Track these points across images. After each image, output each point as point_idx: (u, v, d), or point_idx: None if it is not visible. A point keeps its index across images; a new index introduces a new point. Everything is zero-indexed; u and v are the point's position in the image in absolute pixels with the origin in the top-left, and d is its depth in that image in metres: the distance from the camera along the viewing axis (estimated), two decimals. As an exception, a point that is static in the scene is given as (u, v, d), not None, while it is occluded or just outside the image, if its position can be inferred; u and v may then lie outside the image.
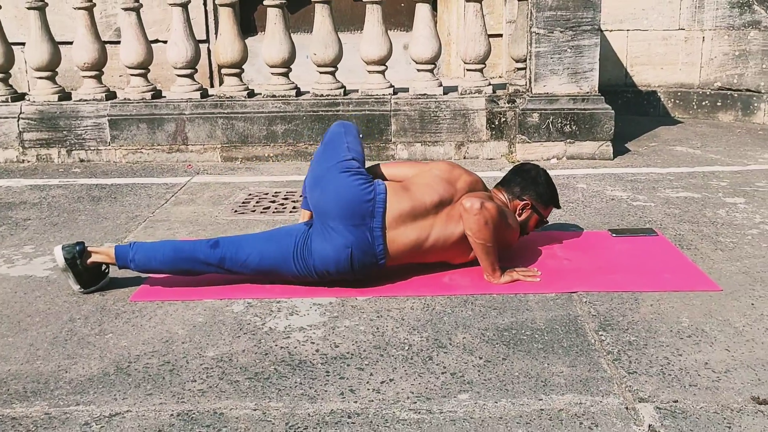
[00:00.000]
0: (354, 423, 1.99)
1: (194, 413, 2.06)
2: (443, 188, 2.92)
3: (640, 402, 2.06)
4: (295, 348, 2.43)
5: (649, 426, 1.94)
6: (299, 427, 1.98)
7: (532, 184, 3.13)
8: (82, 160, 5.08)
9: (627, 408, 2.03)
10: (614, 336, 2.46)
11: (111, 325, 2.62)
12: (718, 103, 6.32)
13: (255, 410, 2.07)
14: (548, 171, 3.31)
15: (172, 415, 2.05)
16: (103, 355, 2.41)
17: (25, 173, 4.85)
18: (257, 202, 4.11)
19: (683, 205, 3.89)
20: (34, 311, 2.76)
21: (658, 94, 6.52)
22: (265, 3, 5.02)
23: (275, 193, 4.28)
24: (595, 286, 2.86)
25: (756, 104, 6.12)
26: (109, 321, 2.66)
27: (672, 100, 6.49)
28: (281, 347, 2.44)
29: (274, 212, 3.91)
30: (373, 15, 5.01)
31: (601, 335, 2.47)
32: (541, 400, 2.09)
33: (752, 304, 2.68)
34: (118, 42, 6.11)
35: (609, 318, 2.59)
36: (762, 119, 6.08)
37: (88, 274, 2.87)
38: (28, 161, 5.09)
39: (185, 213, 3.94)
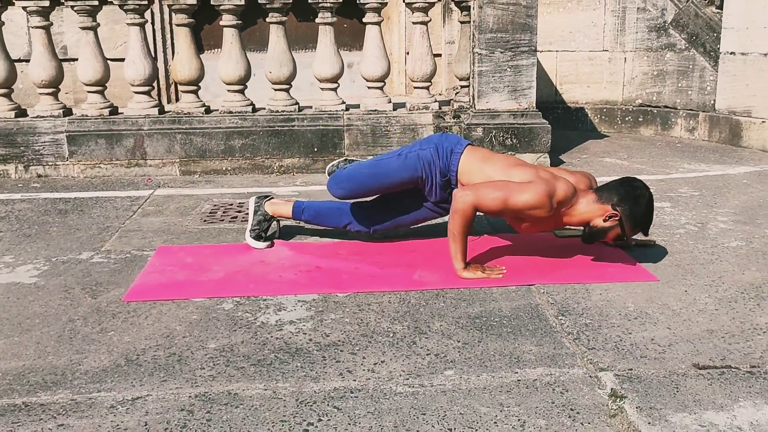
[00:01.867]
0: (357, 397, 2.25)
1: (210, 394, 2.27)
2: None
3: (601, 371, 2.39)
4: (290, 338, 2.67)
5: (612, 389, 2.27)
6: (309, 402, 2.22)
7: (632, 201, 3.12)
8: (40, 176, 5.16)
9: (591, 376, 2.36)
10: (572, 320, 2.79)
11: (110, 324, 2.80)
12: (640, 119, 6.86)
13: (265, 390, 2.30)
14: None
15: (190, 396, 2.26)
16: (111, 349, 2.59)
17: (-16, 188, 4.90)
18: (224, 212, 4.31)
19: (618, 209, 4.30)
20: (32, 314, 2.90)
21: (586, 110, 7.02)
22: (221, 23, 5.23)
23: (240, 203, 4.48)
24: (550, 279, 3.20)
25: (673, 119, 6.68)
26: (108, 320, 2.83)
27: (598, 115, 7.00)
28: (276, 338, 2.67)
29: (242, 221, 4.11)
30: (326, 36, 5.29)
31: (561, 320, 2.80)
32: (517, 372, 2.39)
33: (685, 291, 3.07)
34: (66, 60, 6.23)
35: (566, 305, 2.93)
36: (679, 133, 6.64)
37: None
38: (-15, 177, 5.13)
39: (156, 223, 4.10)
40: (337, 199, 3.61)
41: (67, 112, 5.29)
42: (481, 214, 3.26)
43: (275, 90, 5.38)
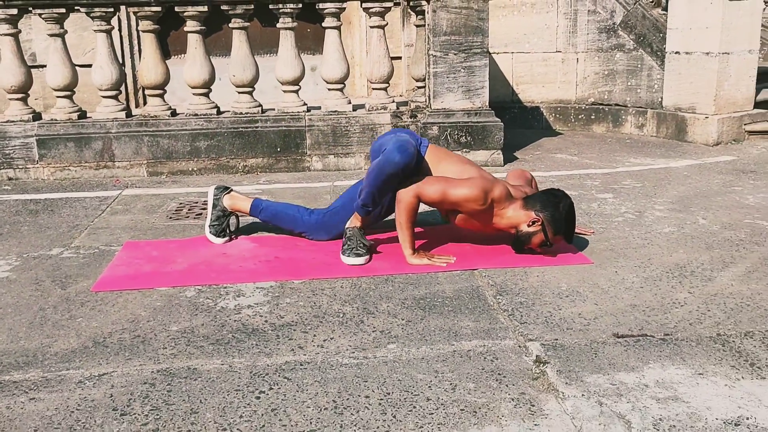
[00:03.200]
0: (305, 369, 2.47)
1: (171, 369, 2.48)
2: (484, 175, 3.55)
3: (529, 341, 2.63)
4: (247, 320, 2.88)
5: (536, 356, 2.51)
6: (261, 374, 2.43)
7: (552, 207, 3.38)
8: (10, 178, 5.31)
9: (519, 346, 2.60)
10: (509, 299, 3.03)
11: (78, 312, 2.99)
12: (592, 117, 7.15)
13: (222, 365, 2.51)
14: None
15: (152, 371, 2.46)
16: (79, 333, 2.78)
17: (-45, 191, 5.05)
18: (189, 210, 4.50)
19: (563, 201, 4.56)
20: (4, 304, 3.08)
21: (541, 109, 7.29)
22: (185, 29, 5.43)
23: (204, 201, 4.68)
24: (492, 264, 3.44)
25: (624, 117, 6.98)
26: (76, 308, 3.02)
27: (553, 114, 7.28)
28: (234, 320, 2.88)
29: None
30: (287, 40, 5.51)
31: (498, 299, 3.04)
32: (453, 345, 2.62)
33: (616, 272, 3.32)
34: (35, 66, 6.37)
35: (504, 286, 3.17)
36: (629, 129, 6.94)
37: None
38: (-44, 180, 5.28)
39: (123, 221, 4.29)
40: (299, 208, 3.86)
41: (37, 116, 5.45)
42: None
43: (239, 93, 5.58)
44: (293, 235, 3.86)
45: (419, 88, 5.86)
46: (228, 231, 3.86)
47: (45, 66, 5.85)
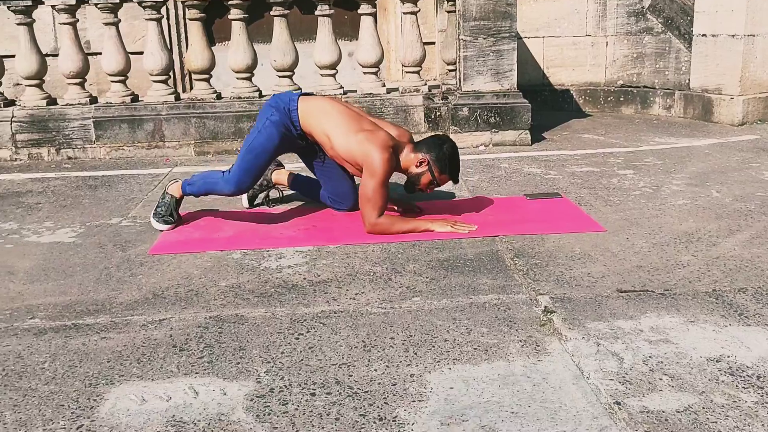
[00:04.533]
0: (339, 316, 2.79)
1: (222, 316, 2.82)
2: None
3: (539, 295, 2.92)
4: (288, 278, 3.21)
5: (545, 307, 2.80)
6: (300, 320, 2.76)
7: (437, 148, 3.75)
8: (70, 158, 5.74)
9: (531, 299, 2.89)
10: (525, 261, 3.32)
11: (139, 270, 3.36)
12: (621, 99, 7.35)
13: (266, 313, 2.84)
14: (478, 156, 4.16)
15: (205, 318, 2.81)
16: (140, 287, 3.15)
17: (21, 169, 5.48)
18: (234, 185, 4.85)
19: (585, 177, 4.81)
20: (73, 264, 3.47)
21: (571, 92, 7.51)
22: (230, 17, 5.78)
23: (248, 178, 5.03)
24: (512, 231, 3.72)
25: (652, 98, 7.16)
26: (136, 267, 3.40)
27: (583, 97, 7.49)
28: (276, 278, 3.22)
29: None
30: (324, 26, 5.82)
31: (516, 261, 3.32)
32: (471, 298, 2.92)
33: (627, 238, 3.58)
34: (90, 53, 6.78)
35: (522, 250, 3.46)
36: (657, 111, 7.12)
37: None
38: (21, 159, 5.72)
39: (174, 195, 4.65)
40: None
41: (93, 100, 5.86)
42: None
43: (279, 77, 5.91)
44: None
45: (450, 71, 6.13)
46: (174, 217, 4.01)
47: (99, 53, 6.27)
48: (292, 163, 4.73)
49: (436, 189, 3.93)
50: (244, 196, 4.24)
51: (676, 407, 2.09)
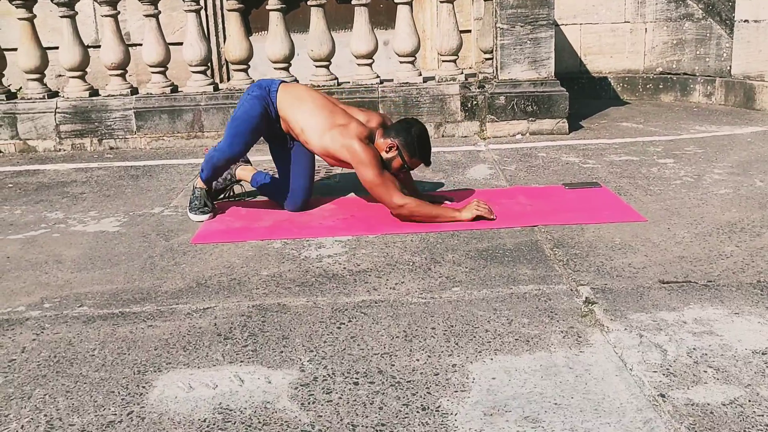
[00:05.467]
0: (379, 306, 2.82)
1: (264, 305, 2.86)
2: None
3: (580, 286, 2.91)
4: (328, 267, 3.25)
5: (586, 297, 2.80)
6: (342, 310, 2.80)
7: (405, 132, 3.74)
8: (111, 148, 5.84)
9: (571, 290, 2.88)
10: (564, 251, 3.31)
11: (182, 259, 3.42)
12: (660, 86, 7.25)
13: (308, 302, 2.88)
14: (515, 144, 4.13)
15: (248, 306, 2.86)
16: (184, 276, 3.20)
17: (65, 159, 5.60)
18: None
19: (624, 166, 4.77)
20: (119, 253, 3.54)
21: (609, 79, 7.43)
22: (267, 7, 5.82)
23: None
24: (551, 221, 3.71)
25: (692, 86, 7.06)
26: (179, 257, 3.46)
27: (621, 84, 7.40)
28: (317, 267, 3.25)
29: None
30: (361, 15, 5.83)
31: (555, 251, 3.32)
32: (511, 288, 2.93)
33: (668, 229, 3.55)
34: (130, 45, 6.87)
35: (561, 240, 3.45)
36: (697, 98, 7.02)
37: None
38: (65, 150, 5.84)
39: (214, 184, 4.72)
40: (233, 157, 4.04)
41: (134, 91, 5.95)
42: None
43: (316, 67, 5.94)
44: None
45: (487, 59, 6.11)
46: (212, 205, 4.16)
47: (139, 44, 6.36)
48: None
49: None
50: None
51: (722, 400, 2.08)
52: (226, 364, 2.41)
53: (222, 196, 4.37)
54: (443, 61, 6.02)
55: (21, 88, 6.56)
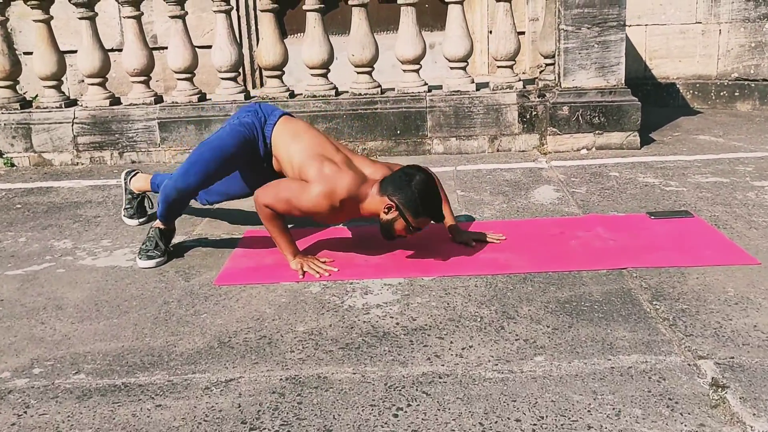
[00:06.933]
0: (445, 382, 2.24)
1: (300, 377, 2.30)
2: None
3: (700, 359, 2.30)
4: (377, 322, 2.67)
5: (713, 378, 2.18)
6: (397, 387, 2.22)
7: (405, 186, 3.01)
8: (133, 162, 5.33)
9: (689, 364, 2.27)
10: (667, 305, 2.69)
11: (203, 306, 2.87)
12: (736, 93, 6.55)
13: (354, 374, 2.31)
14: (581, 161, 3.51)
15: (281, 379, 2.29)
16: (204, 332, 2.65)
17: (82, 175, 5.10)
18: (309, 196, 4.34)
19: (714, 189, 4.12)
20: (129, 296, 3.00)
21: (677, 85, 6.74)
22: (304, 8, 5.26)
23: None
24: (643, 262, 3.09)
25: (773, 93, 6.35)
26: (200, 303, 2.91)
27: (691, 91, 6.71)
28: (364, 321, 2.68)
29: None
30: (407, 17, 5.25)
31: (655, 305, 2.70)
32: (610, 360, 2.32)
33: (790, 275, 2.92)
34: (156, 48, 6.38)
35: (660, 290, 2.83)
36: (779, 107, 6.31)
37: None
38: (83, 163, 5.34)
39: (243, 208, 4.17)
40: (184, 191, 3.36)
41: (158, 99, 5.44)
42: None
43: (358, 73, 5.38)
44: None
45: (548, 65, 5.48)
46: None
47: (166, 48, 5.85)
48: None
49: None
50: (127, 219, 3.96)
51: None
52: (252, 472, 1.85)
53: (138, 222, 3.95)
54: (499, 66, 5.41)
55: (36, 96, 6.12)
